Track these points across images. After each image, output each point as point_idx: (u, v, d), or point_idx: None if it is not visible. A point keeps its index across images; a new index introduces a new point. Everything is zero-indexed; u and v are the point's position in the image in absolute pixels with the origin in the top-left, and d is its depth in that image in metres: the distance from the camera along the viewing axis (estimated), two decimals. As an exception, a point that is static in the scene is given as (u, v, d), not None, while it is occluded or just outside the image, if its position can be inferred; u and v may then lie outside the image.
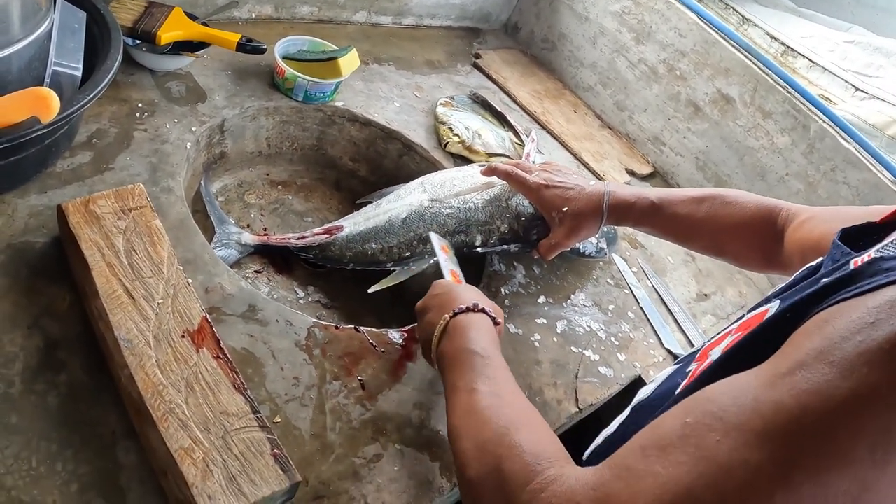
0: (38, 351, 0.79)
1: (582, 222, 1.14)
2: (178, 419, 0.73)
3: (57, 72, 0.93)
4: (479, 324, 0.88)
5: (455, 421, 0.77)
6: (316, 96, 1.32)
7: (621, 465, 0.56)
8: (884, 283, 0.52)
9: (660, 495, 0.51)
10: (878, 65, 1.88)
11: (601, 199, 1.13)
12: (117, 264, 0.83)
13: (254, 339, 0.92)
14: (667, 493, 0.51)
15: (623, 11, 1.78)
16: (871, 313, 0.50)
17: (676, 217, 1.10)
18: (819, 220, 0.95)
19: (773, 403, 0.50)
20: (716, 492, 0.49)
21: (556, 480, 0.60)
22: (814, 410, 0.48)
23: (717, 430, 0.51)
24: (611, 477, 0.56)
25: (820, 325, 0.53)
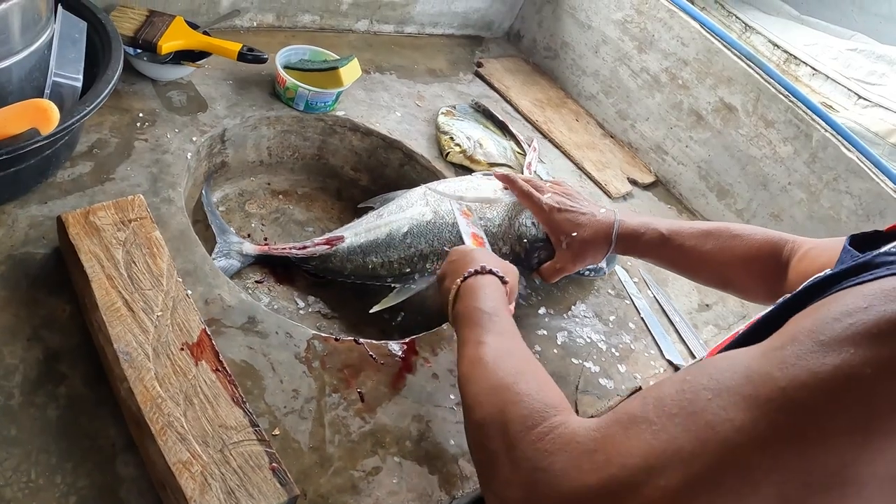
0: (37, 363, 0.79)
1: (589, 249, 1.14)
2: (177, 432, 0.72)
3: (57, 82, 0.93)
4: (488, 284, 0.92)
5: (464, 370, 0.79)
6: (317, 106, 1.32)
7: (623, 415, 0.59)
8: (884, 274, 0.54)
9: (651, 442, 0.54)
10: (881, 72, 1.88)
11: (611, 227, 1.13)
12: (117, 276, 0.83)
13: (253, 351, 0.92)
14: (658, 441, 0.54)
15: (625, 20, 1.78)
16: (866, 299, 0.52)
17: (683, 249, 1.11)
18: (822, 250, 0.95)
19: (762, 373, 0.52)
20: (699, 444, 0.51)
21: (561, 425, 0.62)
22: (798, 384, 0.50)
23: (710, 390, 0.54)
24: (612, 423, 0.59)
25: (817, 308, 0.56)
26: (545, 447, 0.61)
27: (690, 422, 0.53)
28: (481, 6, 1.90)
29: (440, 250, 1.17)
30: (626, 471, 0.54)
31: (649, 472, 0.53)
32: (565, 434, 0.61)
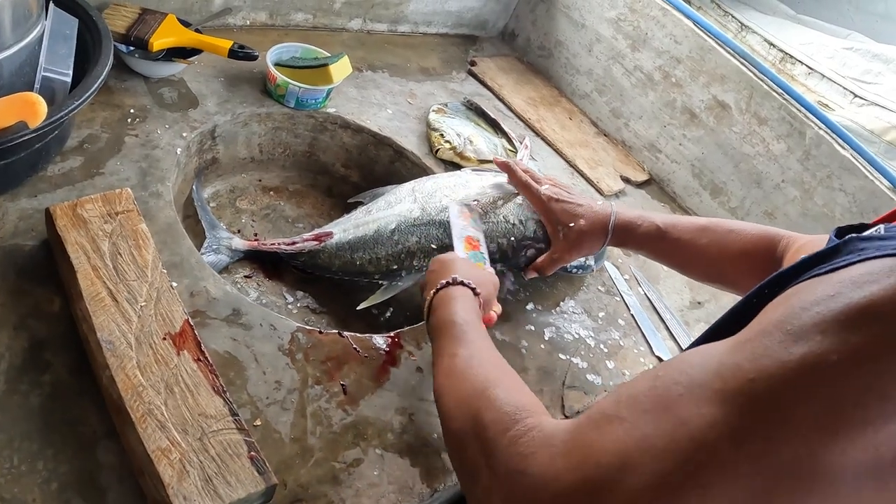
0: (23, 351, 0.80)
1: (586, 240, 1.15)
2: (157, 420, 0.73)
3: (47, 77, 0.94)
4: (460, 296, 0.93)
5: (438, 382, 0.81)
6: (307, 103, 1.33)
7: (597, 413, 0.59)
8: (855, 260, 0.53)
9: (624, 440, 0.54)
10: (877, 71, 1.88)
11: (608, 218, 1.14)
12: (102, 267, 0.84)
13: (237, 342, 0.93)
14: (630, 439, 0.54)
15: (619, 18, 1.79)
16: (834, 286, 0.51)
17: (679, 243, 1.12)
18: (815, 245, 0.95)
19: (733, 366, 0.52)
20: (671, 440, 0.51)
21: (535, 427, 0.62)
22: (767, 375, 0.49)
23: (682, 385, 0.54)
24: (586, 423, 0.59)
25: (788, 297, 0.56)
26: (520, 450, 0.61)
27: (663, 418, 0.53)
28: (475, 5, 1.91)
29: (427, 247, 1.17)
30: (602, 469, 0.53)
31: (623, 470, 0.52)
32: (540, 436, 0.61)
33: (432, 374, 0.84)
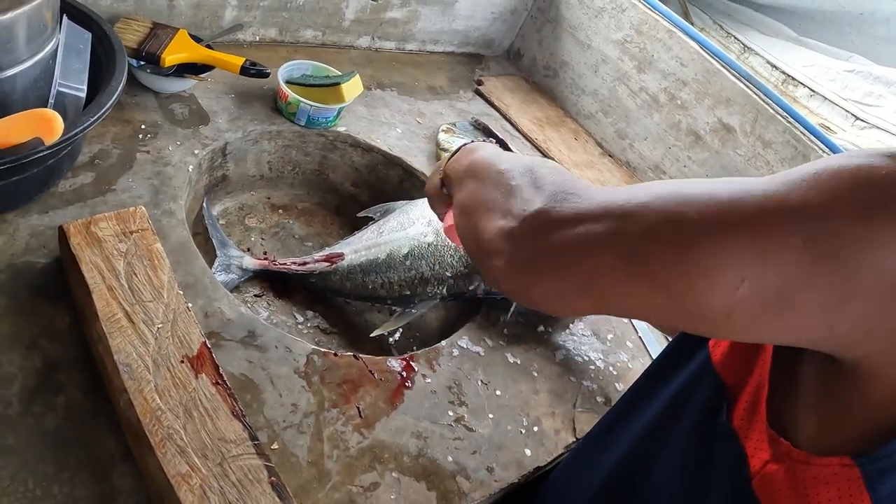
0: (36, 372, 0.79)
1: None
2: (176, 445, 0.72)
3: (61, 92, 0.93)
4: (479, 146, 0.86)
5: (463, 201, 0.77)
6: (318, 121, 1.32)
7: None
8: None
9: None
10: (878, 94, 1.89)
11: None
12: (118, 287, 0.83)
13: (253, 364, 0.91)
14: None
15: (625, 40, 1.79)
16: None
17: None
18: None
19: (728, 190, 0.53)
20: (735, 194, 0.52)
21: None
22: (749, 198, 0.51)
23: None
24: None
25: None
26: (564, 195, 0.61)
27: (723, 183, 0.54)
28: (482, 24, 1.91)
29: (442, 275, 1.16)
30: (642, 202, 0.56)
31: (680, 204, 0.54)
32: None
33: (453, 217, 0.80)
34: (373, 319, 1.22)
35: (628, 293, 0.57)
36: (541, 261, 0.61)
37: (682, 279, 0.52)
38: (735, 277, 0.49)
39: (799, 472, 0.58)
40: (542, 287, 0.62)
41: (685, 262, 0.52)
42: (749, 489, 0.63)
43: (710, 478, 0.68)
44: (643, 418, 0.82)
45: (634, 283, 0.56)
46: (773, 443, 0.62)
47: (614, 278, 0.57)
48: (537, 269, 0.62)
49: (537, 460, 1.01)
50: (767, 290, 0.49)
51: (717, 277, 0.50)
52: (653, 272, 0.54)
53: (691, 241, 0.52)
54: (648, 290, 0.55)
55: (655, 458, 0.77)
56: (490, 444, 0.99)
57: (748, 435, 0.65)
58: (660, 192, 0.56)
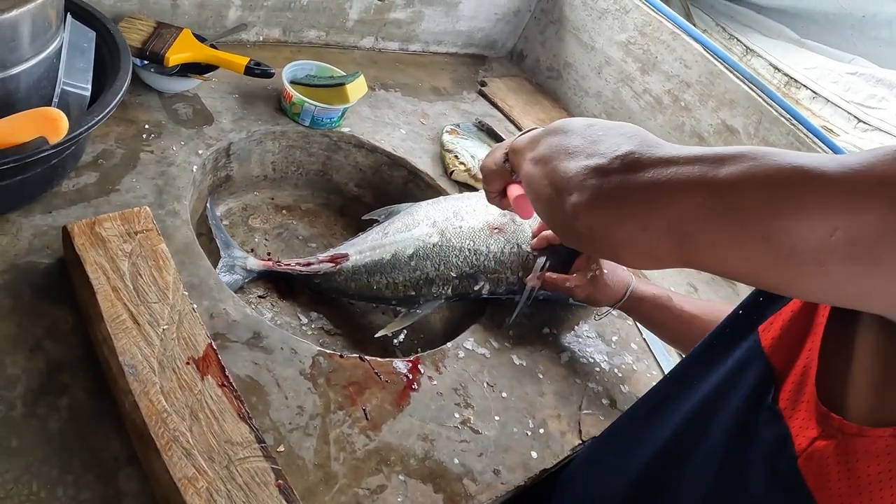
0: (40, 373, 0.78)
1: (606, 292, 1.15)
2: (182, 447, 0.71)
3: (66, 91, 0.92)
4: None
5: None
6: (323, 122, 1.32)
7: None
8: None
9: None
10: (881, 96, 1.88)
11: (626, 286, 1.16)
12: (122, 288, 0.82)
13: (258, 366, 0.91)
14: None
15: (629, 41, 1.79)
16: None
17: (682, 314, 1.13)
18: None
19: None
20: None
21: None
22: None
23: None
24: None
25: None
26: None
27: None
28: (485, 25, 1.91)
29: (447, 275, 1.15)
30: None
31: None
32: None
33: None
34: (377, 321, 1.22)
35: (716, 237, 0.57)
36: (629, 196, 0.60)
37: (776, 220, 0.52)
38: (828, 224, 0.50)
39: (850, 446, 0.59)
40: (626, 224, 0.61)
41: (782, 203, 0.52)
42: (794, 468, 0.63)
43: (750, 459, 0.69)
44: (686, 406, 0.81)
45: (725, 225, 0.55)
46: (823, 419, 0.62)
47: (704, 220, 0.56)
48: (624, 205, 0.61)
49: (543, 462, 1.01)
50: (859, 243, 0.49)
51: (812, 220, 0.51)
52: (746, 214, 0.54)
53: (788, 186, 0.52)
54: (739, 232, 0.55)
55: (698, 443, 0.77)
56: (496, 447, 0.99)
57: (793, 415, 0.65)
58: (749, 147, 0.56)
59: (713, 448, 0.74)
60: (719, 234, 0.56)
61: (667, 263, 0.62)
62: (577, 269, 1.17)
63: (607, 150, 0.64)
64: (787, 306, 0.72)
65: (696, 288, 1.56)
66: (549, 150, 0.73)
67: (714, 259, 0.58)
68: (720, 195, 0.55)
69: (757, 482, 0.67)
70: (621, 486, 0.88)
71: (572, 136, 0.71)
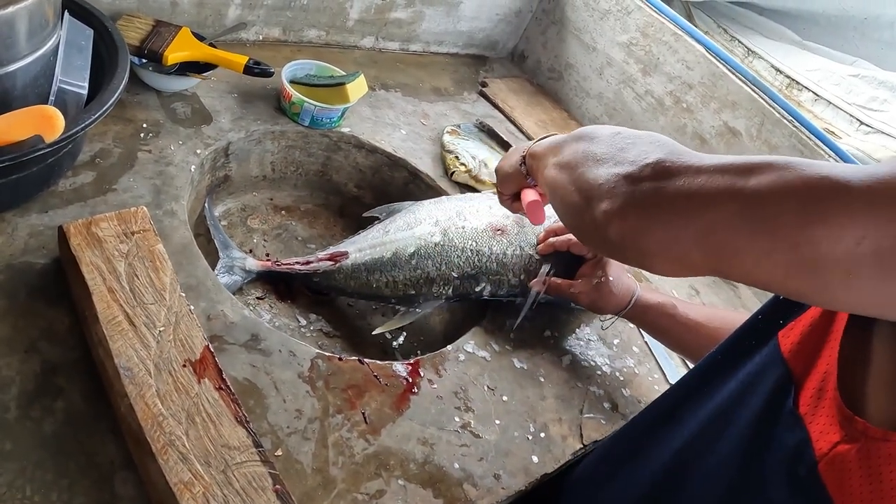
0: (34, 376, 0.77)
1: (609, 299, 1.14)
2: (179, 452, 0.70)
3: (62, 89, 0.91)
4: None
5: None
6: (322, 122, 1.31)
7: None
8: None
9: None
10: (883, 98, 1.87)
11: (631, 294, 1.15)
12: (118, 289, 0.81)
13: (256, 369, 0.89)
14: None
15: (631, 43, 1.78)
16: None
17: (688, 322, 1.12)
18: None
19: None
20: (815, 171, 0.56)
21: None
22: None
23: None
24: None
25: None
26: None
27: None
28: (486, 26, 1.90)
29: (448, 275, 1.14)
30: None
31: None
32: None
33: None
34: (376, 323, 1.20)
35: (746, 247, 0.58)
36: (660, 204, 0.62)
37: (804, 230, 0.54)
38: (855, 232, 0.51)
39: (873, 450, 0.59)
40: (657, 232, 0.62)
41: (810, 213, 0.54)
42: (814, 473, 0.63)
43: (769, 463, 0.69)
44: (703, 410, 0.81)
45: (754, 234, 0.57)
46: (847, 423, 0.62)
47: (735, 229, 0.58)
48: (655, 213, 0.62)
49: (544, 467, 1.00)
50: (885, 250, 0.51)
51: (840, 228, 0.52)
52: (775, 224, 0.55)
53: (816, 197, 0.54)
54: (769, 242, 0.56)
55: (715, 448, 0.77)
56: (497, 451, 0.98)
57: (813, 420, 0.65)
58: (776, 157, 0.58)
59: (730, 452, 0.74)
60: (749, 243, 0.57)
61: (696, 271, 0.63)
62: (582, 276, 1.16)
63: (637, 158, 0.65)
64: (807, 312, 0.72)
65: (697, 291, 1.55)
66: (575, 156, 0.75)
67: (743, 267, 0.59)
68: (750, 205, 0.57)
69: (775, 487, 0.67)
70: (637, 489, 0.88)
71: (599, 143, 0.73)
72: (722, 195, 0.59)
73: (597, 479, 1.00)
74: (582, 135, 0.78)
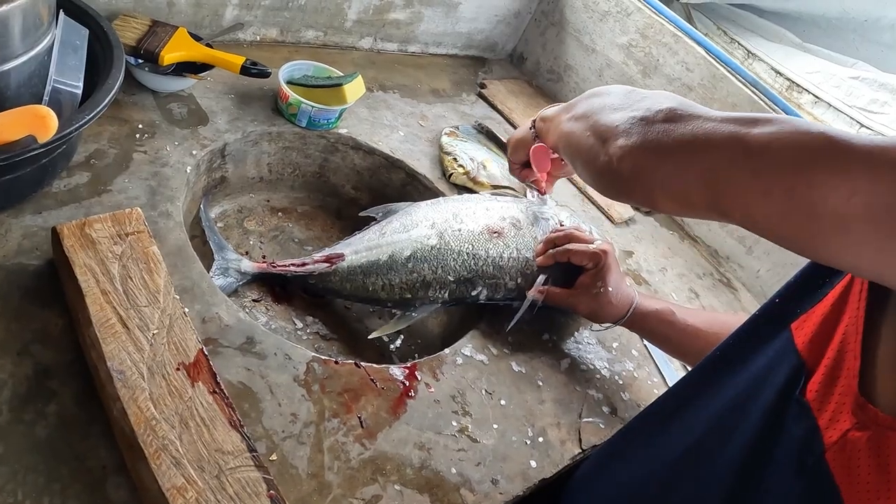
0: (27, 379, 0.76)
1: (607, 309, 1.14)
2: (171, 456, 0.69)
3: (57, 89, 0.91)
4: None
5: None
6: (319, 123, 1.30)
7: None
8: None
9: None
10: (883, 101, 1.87)
11: (630, 303, 1.15)
12: (112, 291, 0.80)
13: (251, 372, 0.89)
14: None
15: (630, 44, 1.77)
16: None
17: (687, 328, 1.13)
18: None
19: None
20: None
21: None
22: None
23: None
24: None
25: None
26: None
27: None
28: (485, 27, 1.89)
29: (444, 279, 1.13)
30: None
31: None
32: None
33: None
34: (373, 326, 1.19)
35: (747, 189, 0.62)
36: (671, 143, 0.68)
37: (800, 175, 0.58)
38: (848, 187, 0.54)
39: (883, 438, 0.60)
40: (665, 169, 0.69)
41: (808, 163, 0.57)
42: (821, 461, 0.64)
43: (778, 453, 0.70)
44: (715, 403, 0.82)
45: (755, 177, 0.61)
46: (859, 410, 0.63)
47: (736, 170, 0.63)
48: (665, 151, 0.69)
49: (543, 472, 0.99)
50: (877, 208, 0.53)
51: (835, 180, 0.55)
52: (776, 167, 0.60)
53: (815, 149, 0.58)
54: (766, 184, 0.60)
55: (727, 440, 0.77)
56: (495, 456, 0.97)
57: (823, 407, 0.67)
58: (782, 115, 0.64)
59: (742, 444, 0.75)
60: (748, 183, 0.62)
61: (697, 209, 0.68)
62: (581, 285, 1.15)
63: (651, 106, 0.73)
64: (819, 304, 0.73)
65: (697, 293, 1.54)
66: (590, 108, 0.82)
67: (739, 207, 0.64)
68: (751, 150, 0.62)
69: (782, 476, 0.68)
70: (645, 484, 0.89)
71: (613, 96, 0.81)
72: (727, 140, 0.64)
73: (597, 482, 0.99)
74: (595, 92, 0.86)
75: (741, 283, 1.69)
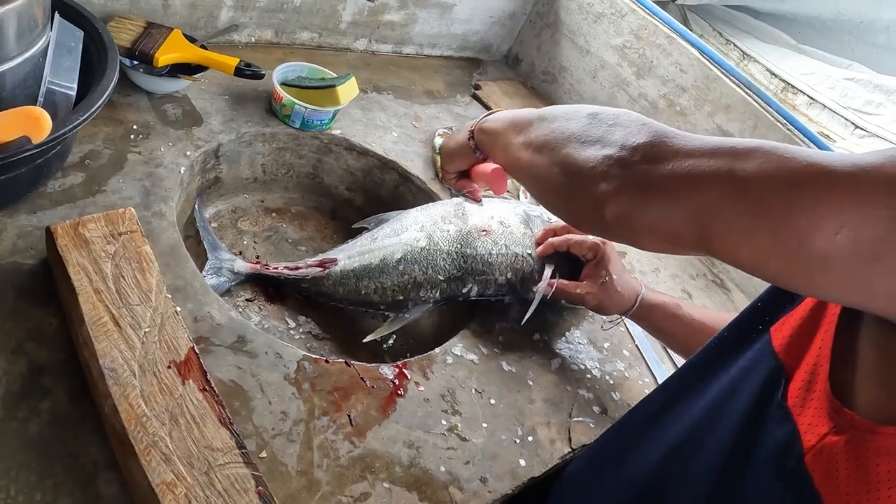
0: (21, 376, 0.77)
1: (615, 299, 1.15)
2: (161, 452, 0.70)
3: (51, 90, 0.91)
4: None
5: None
6: (313, 124, 1.31)
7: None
8: None
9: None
10: (878, 102, 1.88)
11: (636, 294, 1.16)
12: (104, 290, 0.81)
13: (242, 371, 0.90)
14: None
15: (624, 45, 1.78)
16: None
17: (693, 322, 1.13)
18: None
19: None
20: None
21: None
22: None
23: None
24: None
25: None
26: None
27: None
28: (480, 28, 1.90)
29: (434, 278, 1.14)
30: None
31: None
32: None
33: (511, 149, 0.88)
34: (366, 326, 1.20)
35: (733, 227, 0.62)
36: (655, 186, 0.66)
37: (787, 212, 0.57)
38: (835, 222, 0.54)
39: (861, 442, 0.60)
40: (652, 211, 0.67)
41: (792, 200, 0.57)
42: (800, 465, 0.64)
43: (757, 457, 0.70)
44: (696, 406, 0.83)
45: (741, 215, 0.61)
46: (836, 414, 0.63)
47: (724, 210, 0.62)
48: (650, 194, 0.67)
49: (532, 471, 1.00)
50: (863, 241, 0.53)
51: (820, 218, 0.55)
52: (760, 206, 0.59)
53: (799, 184, 0.57)
54: (752, 224, 0.60)
55: (707, 443, 0.78)
56: (484, 454, 0.98)
57: (802, 412, 0.67)
58: (763, 143, 0.62)
59: (721, 447, 0.75)
60: (733, 224, 0.61)
61: (685, 248, 0.67)
62: (586, 277, 1.16)
63: (625, 141, 0.69)
64: (798, 307, 0.74)
65: (690, 294, 1.55)
66: (550, 136, 0.79)
67: (727, 247, 0.63)
68: (735, 188, 0.60)
69: (764, 480, 0.68)
70: (626, 488, 0.89)
71: (574, 122, 0.77)
72: (709, 179, 0.62)
73: (585, 480, 1.00)
74: (548, 115, 0.83)
75: (734, 283, 1.70)
